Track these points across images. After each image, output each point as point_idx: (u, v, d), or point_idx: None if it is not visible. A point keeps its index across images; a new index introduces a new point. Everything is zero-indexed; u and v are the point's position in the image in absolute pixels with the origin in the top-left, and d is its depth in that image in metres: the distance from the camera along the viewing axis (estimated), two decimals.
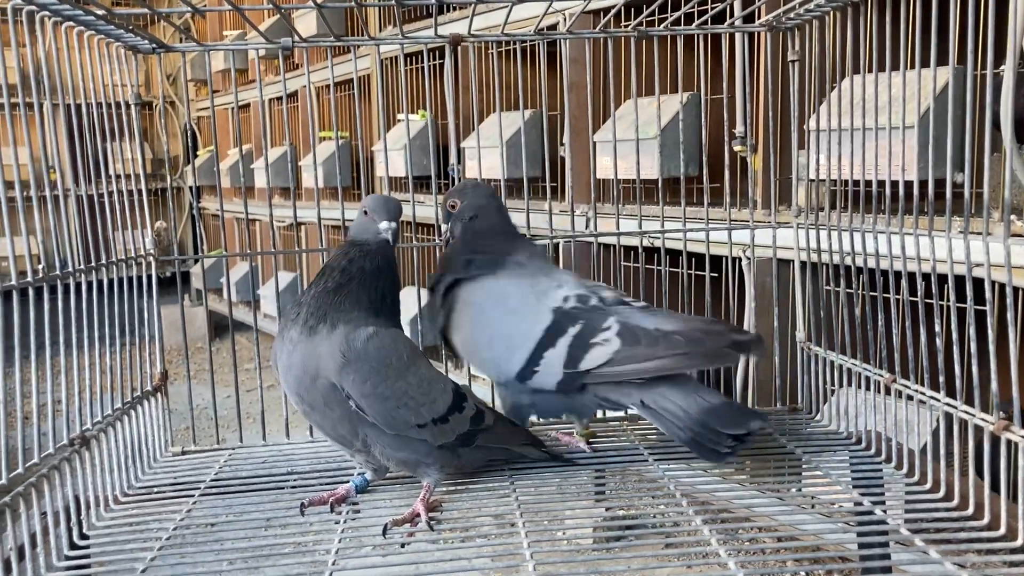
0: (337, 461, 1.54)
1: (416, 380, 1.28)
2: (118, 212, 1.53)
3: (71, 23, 1.34)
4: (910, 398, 1.40)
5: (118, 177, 1.54)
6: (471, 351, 1.50)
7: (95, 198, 1.51)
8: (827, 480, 1.43)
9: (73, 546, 1.23)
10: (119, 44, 1.49)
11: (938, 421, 1.33)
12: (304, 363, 1.25)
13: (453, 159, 3.30)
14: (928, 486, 1.33)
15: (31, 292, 1.22)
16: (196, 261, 6.05)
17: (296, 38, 1.57)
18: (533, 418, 1.54)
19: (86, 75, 1.44)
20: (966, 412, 1.27)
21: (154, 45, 1.54)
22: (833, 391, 1.63)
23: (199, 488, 1.43)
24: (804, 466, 1.49)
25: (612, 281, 1.72)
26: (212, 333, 5.81)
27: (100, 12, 1.31)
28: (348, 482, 1.36)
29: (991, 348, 1.15)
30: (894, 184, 1.38)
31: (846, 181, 1.53)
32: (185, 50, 1.59)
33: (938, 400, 1.32)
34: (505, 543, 1.24)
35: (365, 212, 1.34)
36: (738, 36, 1.91)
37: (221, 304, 6.39)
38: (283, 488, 1.43)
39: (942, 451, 1.32)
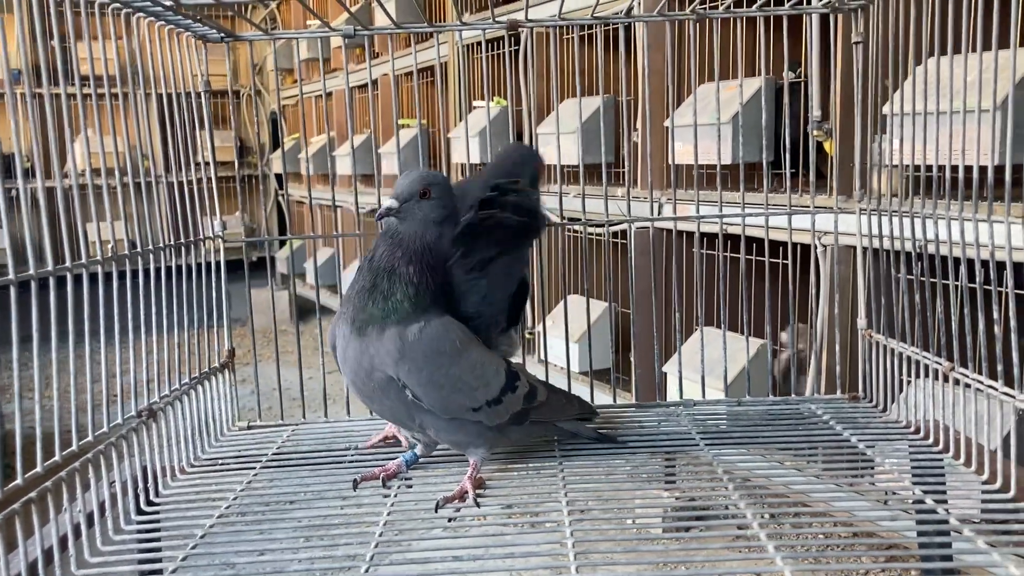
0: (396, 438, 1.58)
1: (469, 365, 1.30)
2: (196, 198, 1.61)
3: (141, 14, 1.40)
4: (970, 387, 1.37)
5: (198, 165, 1.60)
6: None
7: (174, 185, 1.58)
8: (881, 468, 1.41)
9: (140, 512, 1.30)
10: (188, 34, 1.56)
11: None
12: (358, 359, 1.28)
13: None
14: (985, 476, 1.30)
15: (114, 274, 1.29)
16: (269, 244, 6.23)
17: (358, 26, 1.61)
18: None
19: (167, 66, 1.50)
20: None
21: (222, 34, 1.59)
22: (909, 382, 1.59)
23: (260, 461, 1.49)
24: (854, 452, 1.47)
25: (673, 267, 1.71)
26: (295, 316, 5.97)
27: (168, 3, 1.37)
28: (398, 458, 1.40)
29: None
30: (967, 169, 1.34)
31: (918, 167, 1.49)
32: (252, 39, 1.65)
33: (1005, 391, 1.29)
34: (546, 521, 1.26)
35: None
36: (814, 17, 1.89)
37: (305, 289, 6.57)
38: (341, 463, 1.48)
39: (996, 440, 1.29)
